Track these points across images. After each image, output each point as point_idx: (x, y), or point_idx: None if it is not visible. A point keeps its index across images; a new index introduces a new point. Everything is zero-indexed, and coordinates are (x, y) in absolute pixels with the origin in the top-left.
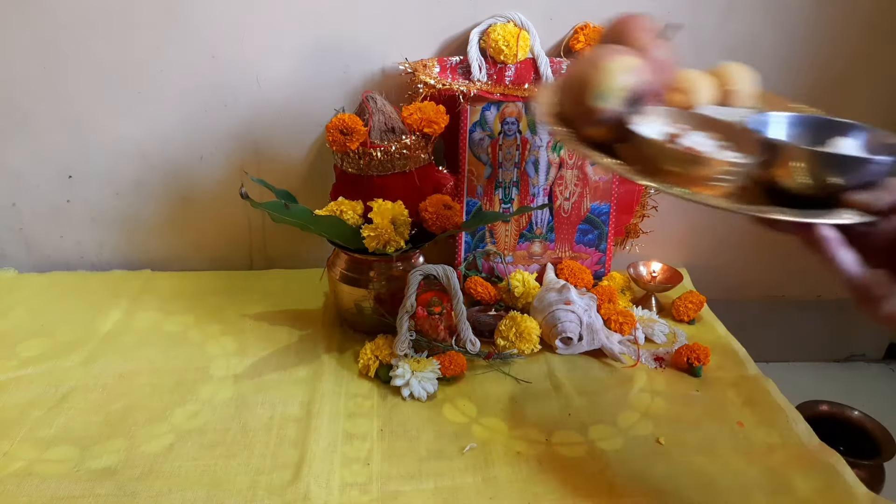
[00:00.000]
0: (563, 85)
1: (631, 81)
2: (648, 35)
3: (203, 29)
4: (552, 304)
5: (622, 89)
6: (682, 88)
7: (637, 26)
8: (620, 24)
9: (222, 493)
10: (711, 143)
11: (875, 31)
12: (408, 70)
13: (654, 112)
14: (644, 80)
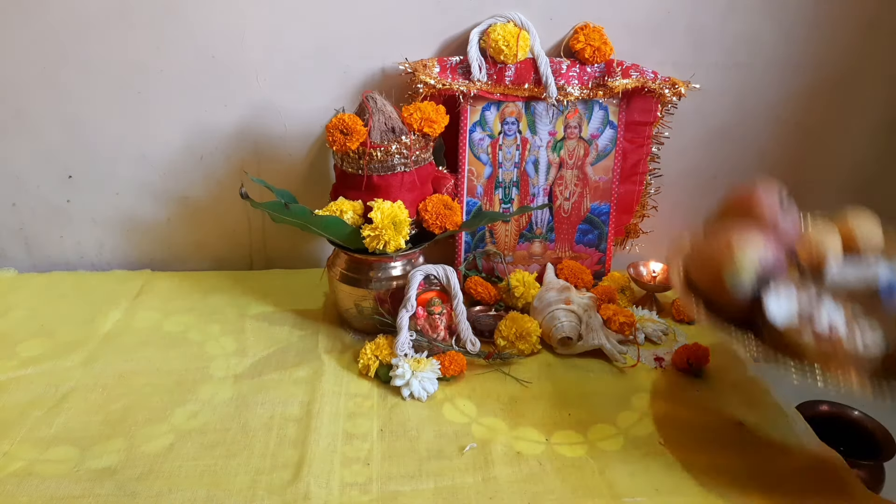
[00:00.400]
0: (697, 261)
1: (763, 261)
2: (773, 208)
3: (203, 29)
4: (552, 304)
5: (755, 270)
6: (811, 248)
7: (761, 202)
8: (745, 199)
9: (222, 493)
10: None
11: (875, 31)
12: (408, 70)
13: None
14: (775, 257)
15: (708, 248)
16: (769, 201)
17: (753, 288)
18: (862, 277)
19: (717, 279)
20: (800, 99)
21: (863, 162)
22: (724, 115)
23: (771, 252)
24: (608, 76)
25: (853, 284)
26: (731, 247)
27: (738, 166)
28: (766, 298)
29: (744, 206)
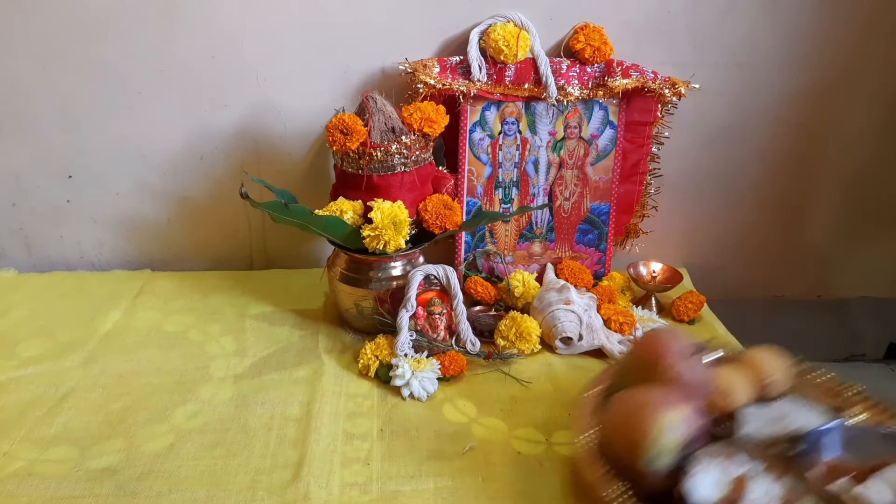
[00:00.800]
0: (611, 434)
1: (683, 435)
2: (681, 359)
3: (203, 29)
4: (552, 304)
5: (675, 447)
6: (723, 394)
7: (668, 351)
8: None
9: (222, 493)
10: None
11: (875, 31)
12: (408, 70)
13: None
14: (692, 429)
15: (622, 418)
16: (678, 356)
17: (676, 461)
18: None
19: (633, 453)
20: (800, 99)
21: (863, 162)
22: (724, 115)
23: (691, 425)
24: (608, 76)
25: (767, 434)
26: (649, 422)
27: (738, 166)
28: (686, 481)
29: (653, 358)
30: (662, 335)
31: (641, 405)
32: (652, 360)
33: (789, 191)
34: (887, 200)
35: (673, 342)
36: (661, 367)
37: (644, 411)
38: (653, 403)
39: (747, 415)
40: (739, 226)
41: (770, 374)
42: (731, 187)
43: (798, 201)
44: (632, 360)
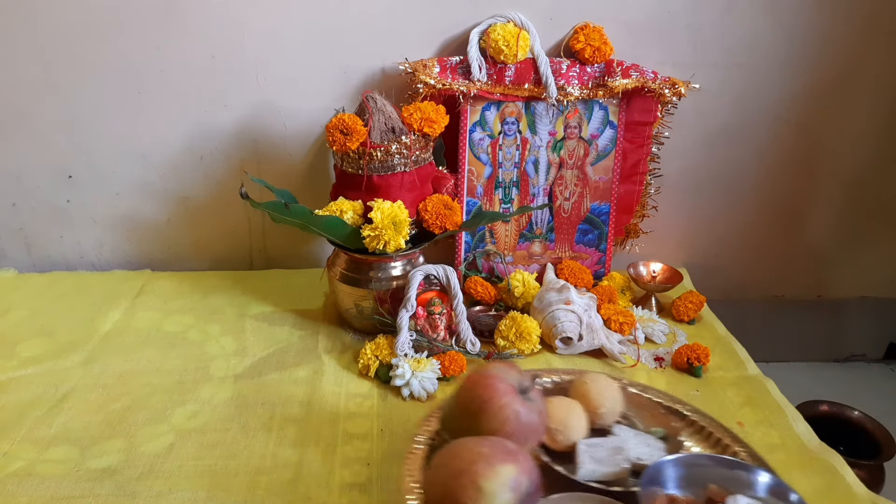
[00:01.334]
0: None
1: (514, 495)
2: (514, 398)
3: (203, 29)
4: (552, 304)
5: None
6: (557, 430)
7: (497, 390)
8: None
9: (222, 493)
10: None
11: (875, 31)
12: (408, 70)
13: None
14: (526, 484)
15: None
16: (507, 395)
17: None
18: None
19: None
20: (800, 99)
21: (863, 162)
22: (724, 115)
23: (524, 479)
24: (608, 76)
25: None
26: (477, 483)
27: (738, 166)
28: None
29: (480, 400)
30: (490, 373)
31: (467, 464)
32: (482, 403)
33: (789, 191)
34: (887, 200)
35: (501, 379)
36: (493, 410)
37: (470, 472)
38: (479, 462)
39: (586, 450)
40: (739, 226)
41: (602, 403)
42: (731, 187)
43: (798, 201)
44: (458, 403)
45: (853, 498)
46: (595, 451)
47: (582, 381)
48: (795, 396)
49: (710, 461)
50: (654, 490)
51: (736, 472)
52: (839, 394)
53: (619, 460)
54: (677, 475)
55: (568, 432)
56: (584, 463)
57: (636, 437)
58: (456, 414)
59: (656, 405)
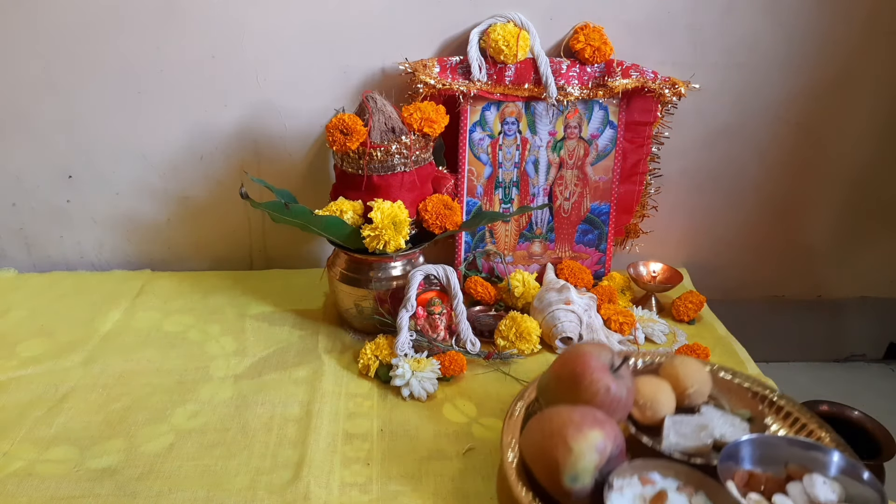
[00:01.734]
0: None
1: (599, 457)
2: (605, 374)
3: (203, 29)
4: (552, 304)
5: (593, 469)
6: (645, 405)
7: (590, 366)
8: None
9: (222, 493)
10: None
11: (875, 31)
12: (408, 70)
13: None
14: (611, 448)
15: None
16: (599, 371)
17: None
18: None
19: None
20: (800, 99)
21: (863, 162)
22: (724, 115)
23: (609, 444)
24: (608, 76)
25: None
26: (567, 444)
27: (738, 166)
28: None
29: (574, 374)
30: (584, 350)
31: (560, 427)
32: (575, 377)
33: (789, 191)
34: (887, 201)
35: (594, 357)
36: (586, 383)
37: (562, 434)
38: (570, 426)
39: (671, 426)
40: (739, 226)
41: (691, 385)
42: (731, 187)
43: (798, 201)
44: (554, 376)
45: None
46: (680, 427)
47: (672, 363)
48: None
49: (785, 442)
50: (732, 465)
51: (811, 452)
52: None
53: (703, 436)
54: (754, 454)
55: (656, 408)
56: (669, 436)
57: (722, 417)
58: (552, 385)
59: (745, 390)
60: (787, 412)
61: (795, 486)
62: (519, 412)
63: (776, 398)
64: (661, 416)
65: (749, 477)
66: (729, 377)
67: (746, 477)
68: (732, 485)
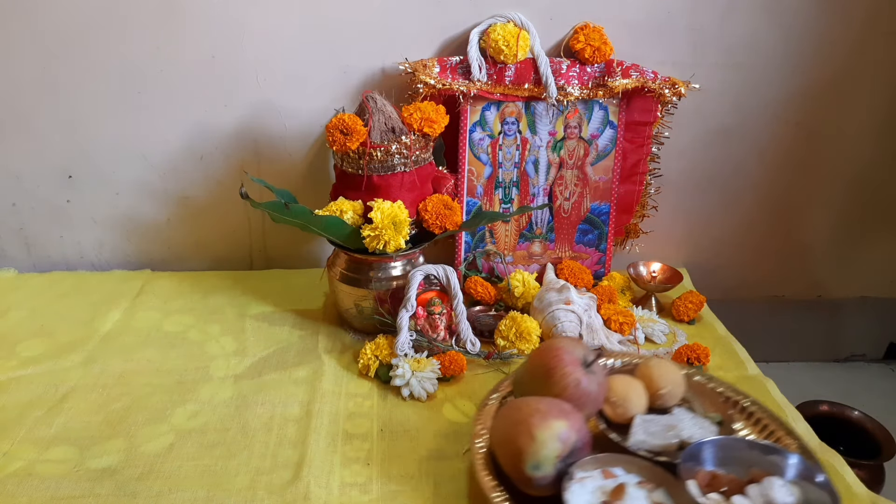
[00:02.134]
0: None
1: (561, 447)
2: (576, 368)
3: (203, 29)
4: (552, 304)
5: (554, 458)
6: (616, 402)
7: (562, 360)
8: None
9: (222, 493)
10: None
11: (875, 31)
12: (408, 70)
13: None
14: (575, 440)
15: (508, 427)
16: (570, 365)
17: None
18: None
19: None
20: (799, 99)
21: (863, 162)
22: (724, 115)
23: (573, 435)
24: (608, 76)
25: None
26: (531, 432)
27: (738, 166)
28: (566, 489)
29: (547, 367)
30: (558, 344)
31: (526, 416)
32: (548, 370)
33: (789, 191)
34: (887, 201)
35: (567, 351)
36: (557, 377)
37: (527, 423)
38: (536, 415)
39: (640, 424)
40: (739, 226)
41: (664, 385)
42: (730, 187)
43: (798, 201)
44: (528, 369)
45: (853, 498)
46: (649, 426)
47: (647, 364)
48: (795, 396)
49: (745, 444)
50: (693, 465)
51: (770, 456)
52: (839, 394)
53: (670, 436)
54: (716, 455)
55: (627, 406)
56: (637, 433)
57: (692, 420)
58: (526, 378)
59: (718, 394)
60: (758, 418)
61: (755, 488)
62: (493, 403)
63: (748, 404)
64: (631, 415)
65: (712, 477)
66: (704, 381)
67: (709, 477)
68: (693, 483)
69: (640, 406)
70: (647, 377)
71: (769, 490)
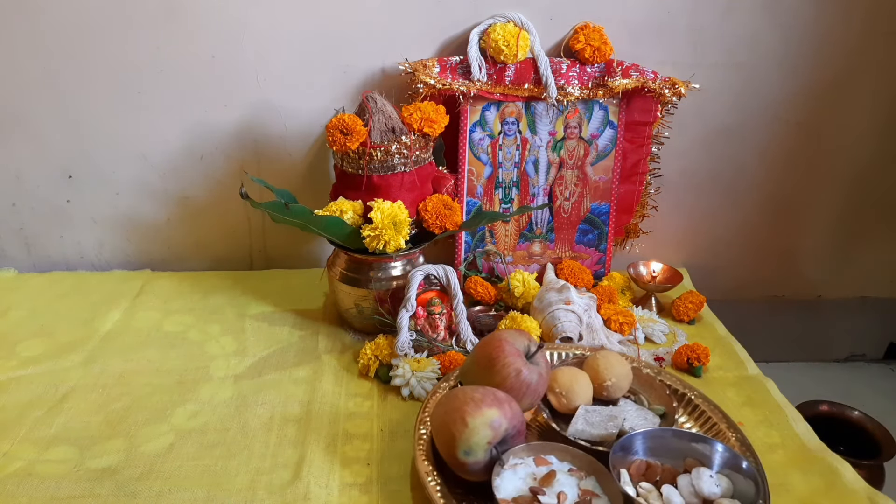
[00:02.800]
0: (436, 428)
1: (493, 433)
2: (517, 358)
3: (203, 29)
4: (552, 304)
5: (485, 443)
6: (560, 393)
7: (504, 351)
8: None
9: (222, 493)
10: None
11: (875, 31)
12: (408, 70)
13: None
14: (507, 427)
15: (444, 414)
16: (511, 355)
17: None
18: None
19: (451, 447)
20: (800, 99)
21: (863, 162)
22: (724, 115)
23: (505, 422)
24: (608, 76)
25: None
26: (464, 419)
27: (738, 166)
28: (495, 475)
29: (489, 357)
30: (501, 336)
31: (461, 404)
32: (490, 360)
33: (789, 191)
34: (887, 201)
35: (508, 342)
36: (498, 366)
37: (461, 410)
38: (470, 403)
39: (582, 414)
40: (739, 226)
41: (609, 378)
42: (731, 187)
43: (798, 201)
44: (472, 359)
45: (853, 498)
46: (591, 416)
47: (595, 356)
48: (795, 396)
49: (672, 434)
50: (623, 455)
51: (696, 445)
52: (839, 394)
53: (610, 426)
54: (646, 445)
55: (571, 397)
56: (577, 423)
57: (636, 411)
58: (471, 368)
59: (665, 386)
60: (702, 411)
61: (685, 478)
62: (442, 391)
63: (694, 397)
64: (576, 405)
65: (647, 467)
66: (652, 374)
67: (644, 467)
68: (624, 472)
69: (584, 397)
70: (593, 369)
71: (698, 480)
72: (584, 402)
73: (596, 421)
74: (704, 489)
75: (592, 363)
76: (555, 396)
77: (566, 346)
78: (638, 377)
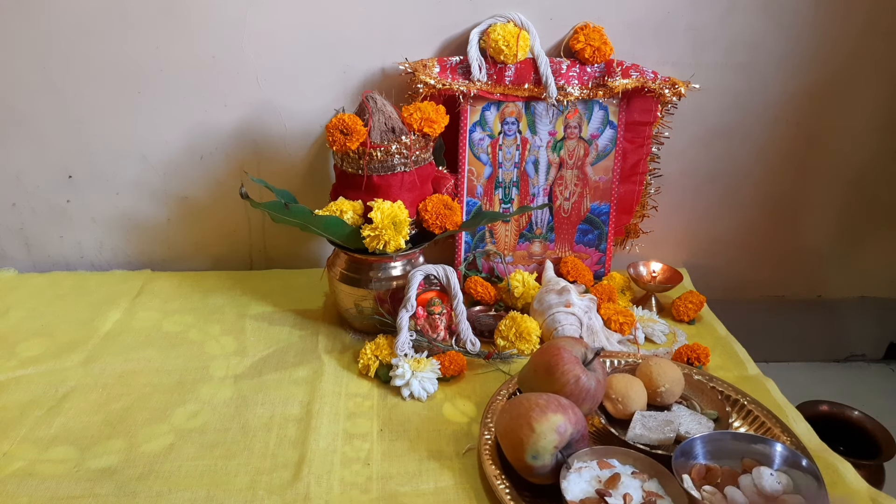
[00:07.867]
0: (502, 433)
1: (559, 438)
2: (576, 366)
3: (203, 29)
4: (552, 307)
5: (552, 448)
6: (616, 399)
7: (563, 359)
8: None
9: (222, 493)
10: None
11: (875, 31)
12: (408, 70)
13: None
14: (572, 432)
15: (510, 420)
16: (570, 363)
17: (554, 461)
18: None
19: (518, 452)
20: (799, 99)
21: (863, 162)
22: (724, 115)
23: (570, 427)
24: (608, 76)
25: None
26: (531, 424)
27: (738, 166)
28: (562, 478)
29: (548, 365)
30: (559, 343)
31: (526, 410)
32: (549, 367)
33: (789, 190)
34: (887, 201)
35: (567, 350)
36: (558, 374)
37: (527, 416)
38: (535, 409)
39: (639, 419)
40: (739, 226)
41: (663, 383)
42: (731, 187)
43: (798, 201)
44: (531, 367)
45: (855, 498)
46: (648, 421)
47: (647, 363)
48: (795, 396)
49: (731, 437)
50: (686, 460)
51: (756, 446)
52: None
53: (668, 431)
54: (706, 449)
55: (627, 402)
56: (635, 428)
57: (690, 416)
58: (530, 375)
59: (717, 392)
60: (756, 416)
61: (746, 478)
62: (501, 398)
63: (746, 402)
64: (631, 411)
65: (707, 470)
66: (704, 380)
67: (704, 470)
68: (687, 478)
69: (639, 403)
70: (646, 375)
71: (759, 479)
72: (639, 408)
73: (653, 426)
74: (766, 487)
75: (645, 369)
76: (611, 402)
77: (618, 353)
78: (689, 383)
